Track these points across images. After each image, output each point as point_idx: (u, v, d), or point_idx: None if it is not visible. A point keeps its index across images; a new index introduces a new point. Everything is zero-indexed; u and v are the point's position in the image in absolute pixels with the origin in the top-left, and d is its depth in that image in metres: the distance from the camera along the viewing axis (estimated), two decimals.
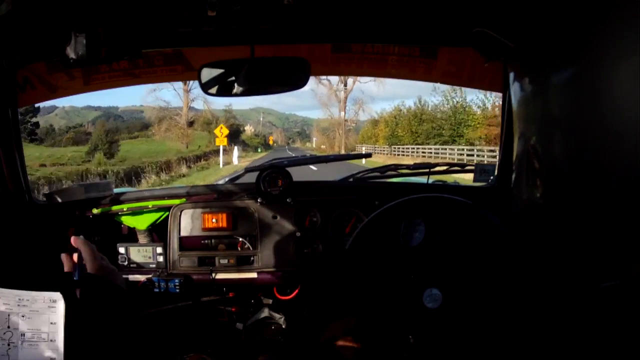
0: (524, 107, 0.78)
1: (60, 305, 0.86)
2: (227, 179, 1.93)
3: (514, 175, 0.84)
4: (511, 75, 0.98)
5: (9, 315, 0.85)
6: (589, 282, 0.72)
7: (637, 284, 0.73)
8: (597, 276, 0.69)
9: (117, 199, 1.63)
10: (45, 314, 0.86)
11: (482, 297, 1.29)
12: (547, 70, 0.71)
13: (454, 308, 1.29)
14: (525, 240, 1.21)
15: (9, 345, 0.85)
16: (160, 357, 1.59)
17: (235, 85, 1.47)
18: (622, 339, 0.76)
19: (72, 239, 0.92)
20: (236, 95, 1.52)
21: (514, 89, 0.84)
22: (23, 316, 0.85)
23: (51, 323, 0.86)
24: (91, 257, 0.90)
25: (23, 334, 0.85)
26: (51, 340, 0.85)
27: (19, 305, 0.85)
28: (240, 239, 1.62)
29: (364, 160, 14.89)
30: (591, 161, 0.65)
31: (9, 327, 0.85)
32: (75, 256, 0.91)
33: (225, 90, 1.49)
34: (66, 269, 0.91)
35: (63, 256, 0.92)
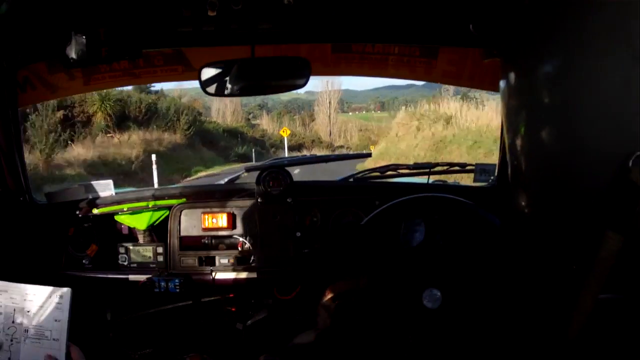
0: (509, 100, 0.78)
1: (67, 302, 0.84)
2: (227, 179, 1.93)
3: (509, 172, 0.84)
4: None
5: (14, 310, 0.84)
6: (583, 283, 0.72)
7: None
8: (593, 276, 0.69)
9: (117, 199, 1.63)
10: (50, 311, 0.84)
11: (481, 298, 1.29)
12: (529, 63, 0.71)
13: (454, 308, 1.29)
14: (521, 240, 1.21)
15: (11, 341, 0.84)
16: (160, 357, 1.59)
17: (236, 85, 1.47)
18: (620, 345, 0.76)
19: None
20: (236, 95, 1.52)
21: (501, 85, 0.84)
22: (28, 311, 0.84)
23: (55, 320, 0.84)
24: None
25: (27, 330, 0.84)
26: (54, 339, 0.84)
27: (25, 300, 0.84)
28: (240, 239, 1.62)
29: None
30: (572, 157, 0.65)
31: (13, 322, 0.84)
32: None
33: (225, 90, 1.49)
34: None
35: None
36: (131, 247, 1.62)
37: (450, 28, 1.44)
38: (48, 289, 0.84)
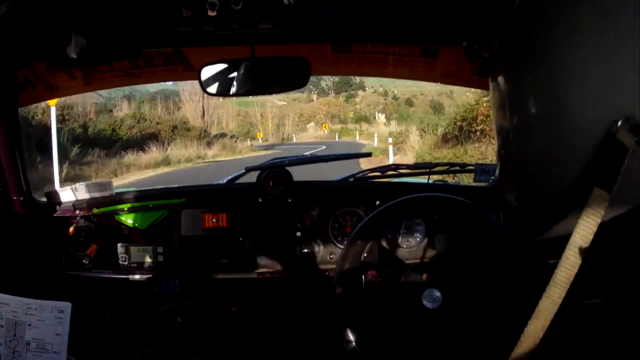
0: (499, 105, 0.78)
1: (67, 317, 0.86)
2: (227, 179, 1.93)
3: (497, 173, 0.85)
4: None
5: (15, 323, 0.86)
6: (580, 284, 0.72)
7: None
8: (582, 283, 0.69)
9: (118, 199, 1.63)
10: (51, 325, 0.86)
11: (481, 298, 1.29)
12: (517, 69, 0.71)
13: (454, 308, 1.29)
14: (518, 240, 1.21)
15: (13, 353, 0.85)
16: (160, 357, 1.60)
17: (236, 84, 1.47)
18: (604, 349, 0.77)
19: None
20: (236, 95, 1.53)
21: (491, 86, 0.84)
22: (30, 325, 0.86)
23: (56, 334, 0.86)
24: None
25: (28, 343, 0.86)
26: (55, 352, 0.85)
27: (26, 313, 0.86)
28: (240, 239, 1.62)
29: None
30: (556, 160, 0.65)
31: (15, 335, 0.86)
32: None
33: (225, 90, 1.49)
34: None
35: None
36: (131, 247, 1.62)
37: (450, 28, 1.44)
38: (49, 303, 0.86)
